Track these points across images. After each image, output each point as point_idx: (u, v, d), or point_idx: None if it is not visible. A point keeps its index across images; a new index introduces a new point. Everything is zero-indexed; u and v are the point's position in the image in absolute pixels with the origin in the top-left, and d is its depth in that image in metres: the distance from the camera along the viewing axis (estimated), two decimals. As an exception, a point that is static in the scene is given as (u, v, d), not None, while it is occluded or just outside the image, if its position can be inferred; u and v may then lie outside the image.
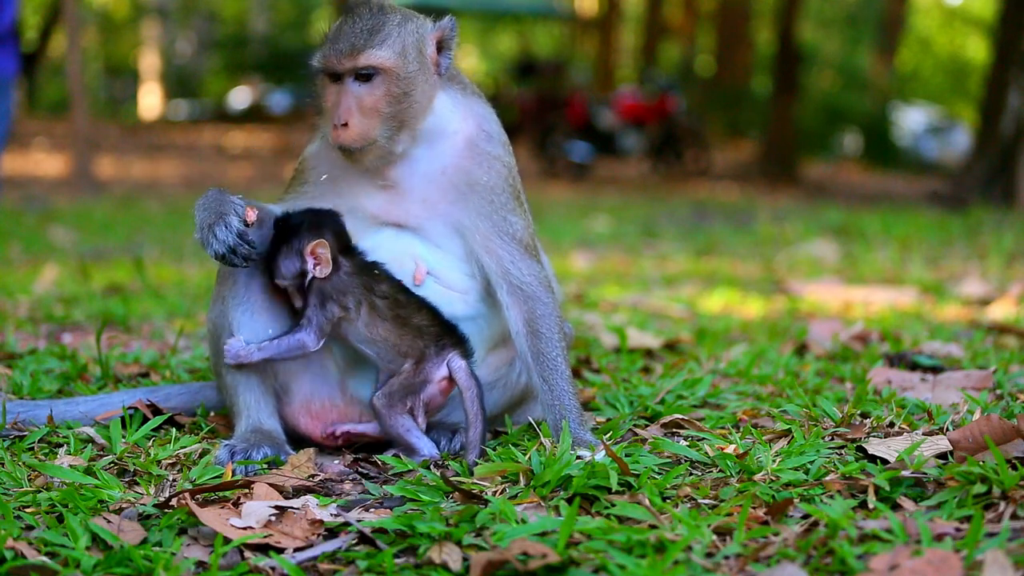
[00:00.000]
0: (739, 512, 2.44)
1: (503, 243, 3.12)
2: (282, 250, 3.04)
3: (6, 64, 11.99)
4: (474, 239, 3.12)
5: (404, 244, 3.13)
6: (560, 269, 8.45)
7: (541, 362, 3.08)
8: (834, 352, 4.61)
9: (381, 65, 3.02)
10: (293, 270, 3.03)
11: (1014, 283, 7.40)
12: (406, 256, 3.12)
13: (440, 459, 3.03)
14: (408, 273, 3.11)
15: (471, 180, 3.13)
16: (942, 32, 47.40)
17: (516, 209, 3.16)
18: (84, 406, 3.34)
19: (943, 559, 2.17)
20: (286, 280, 3.05)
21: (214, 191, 3.05)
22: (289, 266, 3.03)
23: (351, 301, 3.03)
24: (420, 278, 3.11)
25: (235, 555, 2.39)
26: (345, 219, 3.12)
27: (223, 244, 2.94)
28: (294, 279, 3.04)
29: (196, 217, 3.01)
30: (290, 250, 3.03)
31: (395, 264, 3.10)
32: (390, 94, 3.03)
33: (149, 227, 11.89)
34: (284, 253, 3.03)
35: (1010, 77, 16.69)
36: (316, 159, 3.23)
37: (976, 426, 2.76)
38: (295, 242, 3.03)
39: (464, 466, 2.89)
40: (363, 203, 3.15)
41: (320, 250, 3.02)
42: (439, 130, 3.13)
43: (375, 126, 3.02)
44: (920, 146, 33.35)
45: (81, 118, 17.29)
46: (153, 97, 40.13)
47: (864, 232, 11.76)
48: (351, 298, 3.03)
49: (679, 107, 24.24)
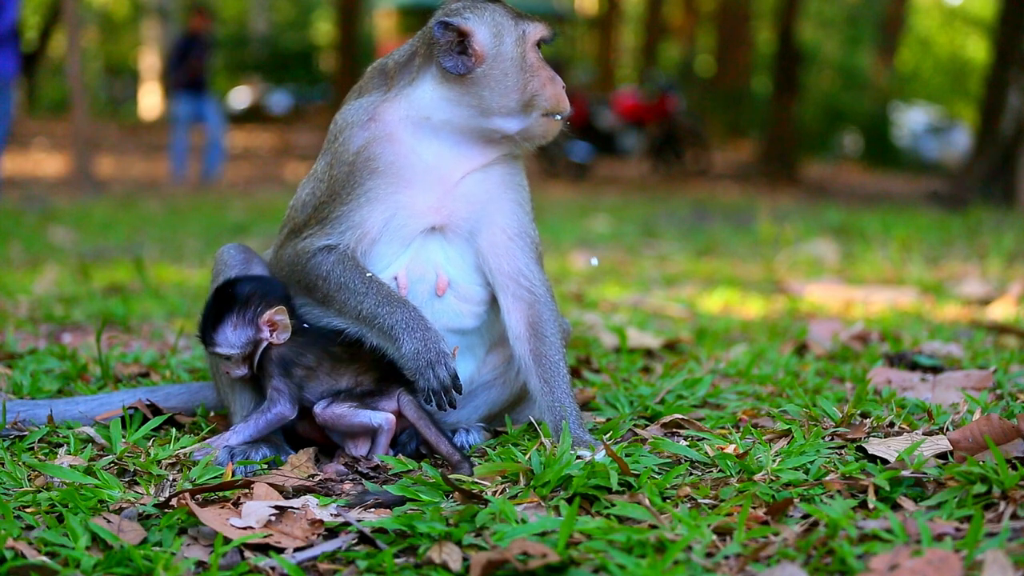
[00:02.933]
0: (739, 512, 2.44)
1: (523, 243, 3.13)
2: (228, 320, 2.99)
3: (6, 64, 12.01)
4: (495, 238, 3.11)
5: (428, 252, 3.10)
6: (560, 269, 8.46)
7: (543, 364, 3.08)
8: (834, 352, 4.61)
9: None
10: (245, 339, 3.00)
11: (1014, 283, 7.40)
12: (428, 265, 3.10)
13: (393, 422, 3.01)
14: (430, 283, 3.10)
15: (513, 180, 3.16)
16: (942, 32, 47.40)
17: (533, 215, 3.22)
18: (84, 406, 3.34)
19: (943, 559, 2.17)
20: (234, 349, 3.00)
21: (415, 313, 2.95)
22: (241, 335, 3.00)
23: (311, 359, 3.02)
24: (443, 289, 3.10)
25: (235, 555, 2.39)
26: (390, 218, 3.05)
27: (440, 384, 2.91)
28: (243, 348, 3.01)
29: (403, 343, 2.92)
30: (242, 319, 2.99)
31: (418, 272, 3.08)
32: None
33: (149, 227, 11.89)
34: (234, 323, 2.99)
35: (1010, 77, 16.69)
36: (376, 148, 3.05)
37: (976, 426, 2.76)
38: (247, 312, 2.99)
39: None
40: (418, 199, 3.05)
41: (278, 317, 2.99)
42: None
43: None
44: (920, 146, 33.36)
45: (81, 118, 17.28)
46: (153, 97, 40.10)
47: (864, 232, 11.75)
48: (311, 356, 3.02)
49: (679, 107, 24.24)
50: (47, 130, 26.92)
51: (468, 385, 3.21)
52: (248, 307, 2.99)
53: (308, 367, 3.02)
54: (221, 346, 3.00)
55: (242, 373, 3.04)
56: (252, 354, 3.03)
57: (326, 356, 3.03)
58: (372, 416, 3.00)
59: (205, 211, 14.14)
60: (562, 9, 34.04)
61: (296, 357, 3.02)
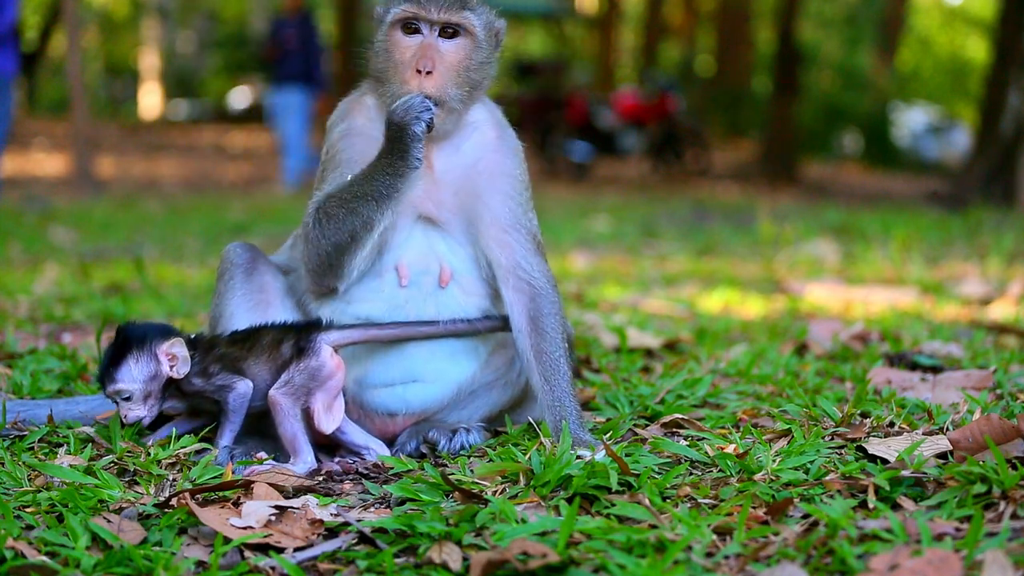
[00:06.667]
0: (739, 512, 2.44)
1: (519, 235, 3.13)
2: (130, 355, 3.00)
3: (6, 64, 12.00)
4: (490, 231, 3.12)
5: (430, 243, 3.13)
6: (560, 269, 8.45)
7: (543, 361, 3.08)
8: (834, 352, 4.61)
9: (469, 27, 3.06)
10: (147, 373, 3.00)
11: (1014, 283, 7.40)
12: (431, 256, 3.13)
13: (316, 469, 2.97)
14: (434, 275, 3.11)
15: (501, 171, 3.15)
16: (942, 32, 47.38)
17: (531, 208, 3.21)
18: (84, 406, 3.34)
19: (943, 559, 2.17)
20: (136, 383, 3.00)
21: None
22: (143, 369, 3.00)
23: (217, 367, 3.03)
24: (446, 280, 3.12)
25: (235, 555, 2.39)
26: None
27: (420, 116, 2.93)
28: (145, 383, 3.00)
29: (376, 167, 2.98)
30: (142, 353, 3.00)
31: (422, 264, 3.11)
32: (470, 58, 3.07)
33: (149, 227, 11.88)
34: (135, 357, 3.00)
35: (1010, 77, 16.68)
36: (350, 137, 3.17)
37: (976, 426, 2.76)
38: (146, 345, 3.01)
39: (464, 466, 2.89)
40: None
41: (176, 349, 3.01)
42: (477, 122, 3.18)
43: (452, 84, 3.04)
44: (920, 146, 33.35)
45: (81, 118, 17.27)
46: (153, 97, 40.11)
47: (864, 232, 11.75)
48: (217, 365, 3.03)
49: (679, 107, 24.24)
50: (47, 130, 26.92)
51: (470, 385, 3.21)
52: (146, 341, 3.02)
53: (220, 363, 3.03)
54: (124, 381, 3.00)
55: (140, 414, 3.02)
56: (153, 393, 3.03)
57: (223, 358, 3.04)
58: (308, 453, 2.96)
59: (205, 211, 14.14)
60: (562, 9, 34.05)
61: (202, 367, 3.04)
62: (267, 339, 3.04)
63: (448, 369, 3.18)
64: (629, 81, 33.88)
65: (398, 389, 3.16)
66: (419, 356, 3.15)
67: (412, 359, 3.15)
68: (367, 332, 3.08)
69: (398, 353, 3.15)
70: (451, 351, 3.18)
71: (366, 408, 3.17)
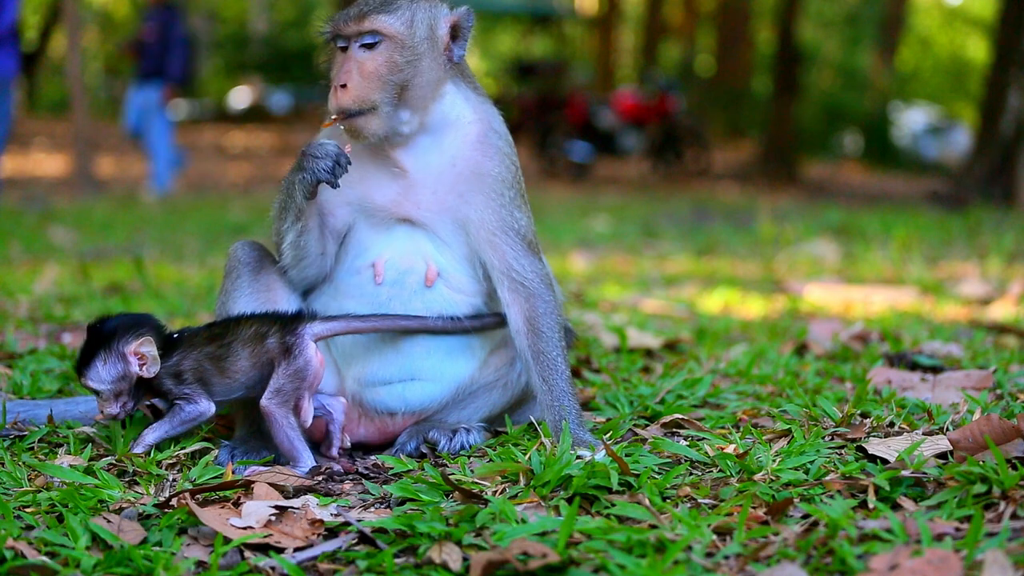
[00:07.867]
0: (739, 512, 2.44)
1: (508, 238, 3.12)
2: (98, 355, 2.98)
3: (6, 64, 12.02)
4: (479, 234, 3.12)
5: (415, 243, 3.13)
6: (560, 269, 8.45)
7: (541, 361, 3.08)
8: (834, 352, 4.61)
9: (385, 30, 3.04)
10: (116, 373, 2.98)
11: (1014, 283, 7.40)
12: (417, 255, 3.13)
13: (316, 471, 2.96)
14: (420, 274, 3.12)
15: (480, 172, 3.13)
16: (942, 32, 47.40)
17: (521, 206, 3.17)
18: (84, 406, 3.34)
19: (943, 559, 2.17)
20: (104, 385, 2.97)
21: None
22: (111, 370, 2.98)
23: (190, 375, 3.01)
24: (432, 279, 3.12)
25: (235, 555, 2.39)
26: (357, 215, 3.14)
27: (325, 166, 3.00)
28: (114, 383, 2.98)
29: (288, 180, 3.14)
30: (109, 353, 2.98)
31: (406, 263, 3.11)
32: (392, 61, 3.04)
33: (149, 227, 11.89)
34: (103, 358, 2.98)
35: (1010, 77, 16.70)
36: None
37: (976, 426, 2.76)
38: (114, 345, 2.98)
39: (464, 466, 2.89)
40: (374, 194, 3.13)
41: (145, 348, 2.98)
42: (450, 120, 3.14)
43: (374, 90, 3.02)
44: (920, 146, 33.34)
45: (81, 118, 17.29)
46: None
47: (864, 232, 11.76)
48: (190, 373, 3.01)
49: (679, 107, 24.23)
50: (47, 130, 26.92)
51: (469, 384, 3.21)
52: (114, 340, 2.98)
53: (193, 370, 3.00)
54: (93, 381, 2.99)
55: (115, 412, 3.00)
56: (124, 391, 3.00)
57: (207, 362, 3.01)
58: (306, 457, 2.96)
59: (205, 211, 14.14)
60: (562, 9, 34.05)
61: (176, 369, 3.01)
62: (249, 331, 3.02)
63: (446, 367, 3.18)
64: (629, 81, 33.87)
65: (397, 387, 3.16)
66: (416, 354, 3.15)
67: (409, 356, 3.15)
68: (349, 324, 3.09)
69: (395, 351, 3.15)
70: (448, 349, 3.18)
71: (366, 407, 3.17)
